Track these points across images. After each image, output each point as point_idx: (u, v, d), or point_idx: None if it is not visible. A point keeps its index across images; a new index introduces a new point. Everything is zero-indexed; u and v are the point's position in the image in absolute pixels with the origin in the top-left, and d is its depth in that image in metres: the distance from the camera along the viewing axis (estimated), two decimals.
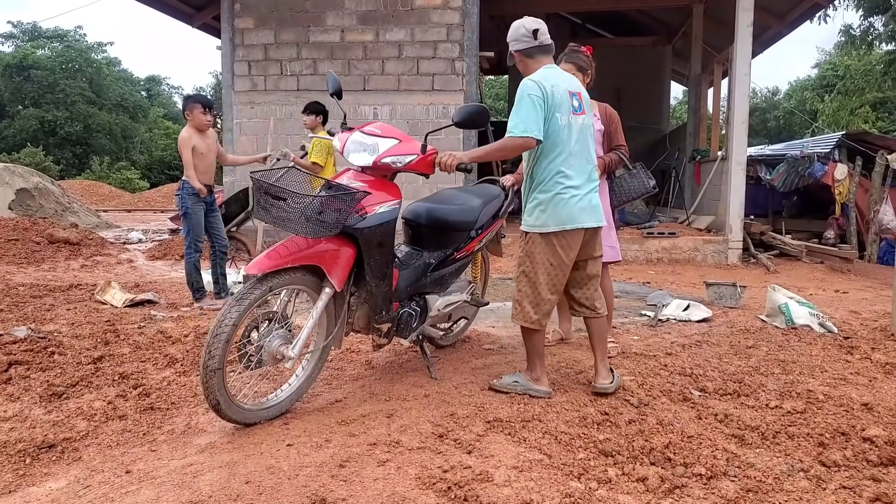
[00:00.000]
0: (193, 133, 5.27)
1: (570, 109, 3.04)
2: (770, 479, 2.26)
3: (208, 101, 5.52)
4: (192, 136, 5.25)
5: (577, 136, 3.06)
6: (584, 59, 3.63)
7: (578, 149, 3.06)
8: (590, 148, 3.15)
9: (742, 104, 8.73)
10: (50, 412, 2.90)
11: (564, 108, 3.01)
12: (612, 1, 13.84)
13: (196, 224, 5.27)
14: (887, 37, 16.20)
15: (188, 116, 5.31)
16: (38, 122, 32.50)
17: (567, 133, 3.01)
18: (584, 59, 3.64)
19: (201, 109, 5.28)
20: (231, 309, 2.56)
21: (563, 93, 3.02)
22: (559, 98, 2.99)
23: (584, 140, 3.10)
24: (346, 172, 3.03)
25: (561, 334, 4.20)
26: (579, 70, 3.56)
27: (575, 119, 3.06)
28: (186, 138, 5.24)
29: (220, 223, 5.55)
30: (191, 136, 5.25)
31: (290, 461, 2.35)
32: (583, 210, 3.03)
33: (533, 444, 2.51)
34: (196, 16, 11.52)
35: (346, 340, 3.65)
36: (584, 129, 3.10)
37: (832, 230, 9.95)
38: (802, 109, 31.93)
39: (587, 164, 3.11)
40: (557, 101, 2.98)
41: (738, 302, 5.56)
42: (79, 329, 4.23)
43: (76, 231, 9.01)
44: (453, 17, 8.74)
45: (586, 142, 3.12)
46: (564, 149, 3.02)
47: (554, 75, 3.06)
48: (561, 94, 3.01)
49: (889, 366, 3.67)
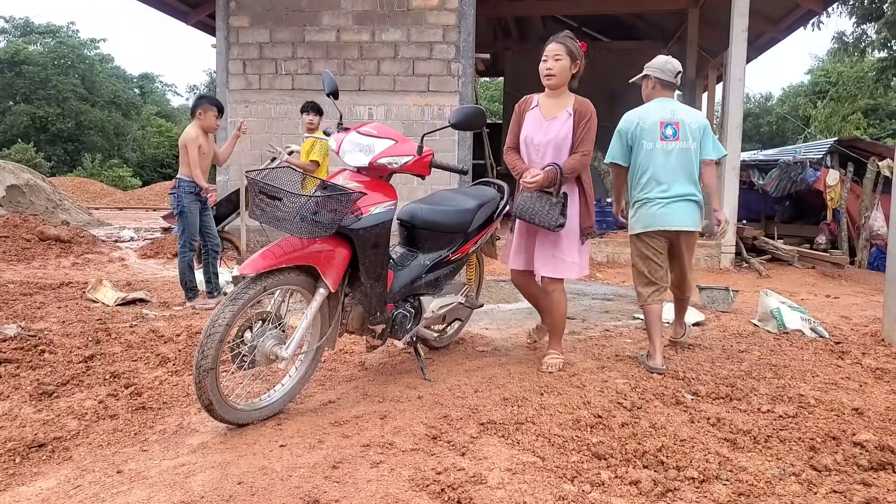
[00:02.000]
0: (200, 133, 5.29)
1: (657, 136, 3.71)
2: (762, 482, 2.26)
3: (222, 105, 5.51)
4: (197, 137, 5.25)
5: (665, 159, 3.71)
6: (576, 48, 3.48)
7: (664, 170, 3.70)
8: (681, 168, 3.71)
9: (736, 109, 8.77)
10: (40, 411, 2.88)
11: (649, 135, 3.72)
12: (608, 5, 13.88)
13: (192, 223, 5.26)
14: (880, 44, 16.33)
15: (200, 116, 5.30)
16: (29, 118, 32.28)
17: (653, 156, 3.72)
18: (576, 47, 3.49)
19: (216, 114, 5.32)
20: (225, 309, 2.55)
21: (652, 123, 3.73)
22: (646, 127, 3.73)
23: (674, 162, 3.71)
24: (342, 173, 3.02)
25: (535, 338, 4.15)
26: (568, 54, 3.43)
27: (664, 145, 3.71)
28: (194, 137, 5.23)
29: (212, 222, 5.54)
30: (198, 135, 5.26)
31: (283, 462, 2.34)
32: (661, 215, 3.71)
33: (526, 447, 2.51)
34: (191, 13, 11.49)
35: (340, 341, 3.64)
36: (676, 153, 3.71)
37: (824, 235, 10.02)
38: (795, 115, 32.13)
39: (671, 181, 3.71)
40: (643, 130, 3.74)
41: (730, 306, 5.58)
42: (69, 327, 4.20)
43: (67, 228, 8.96)
44: (449, 18, 8.74)
45: (677, 163, 3.71)
46: (649, 169, 3.72)
47: (651, 107, 3.82)
48: (650, 124, 3.73)
49: (879, 371, 3.69)
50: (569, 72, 3.45)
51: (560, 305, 3.65)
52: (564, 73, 3.45)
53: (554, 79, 3.45)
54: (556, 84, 3.48)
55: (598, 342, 4.33)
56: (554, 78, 3.45)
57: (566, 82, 3.50)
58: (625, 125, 3.82)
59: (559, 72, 3.43)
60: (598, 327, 4.88)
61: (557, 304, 3.64)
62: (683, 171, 3.71)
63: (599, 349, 4.11)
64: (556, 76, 3.44)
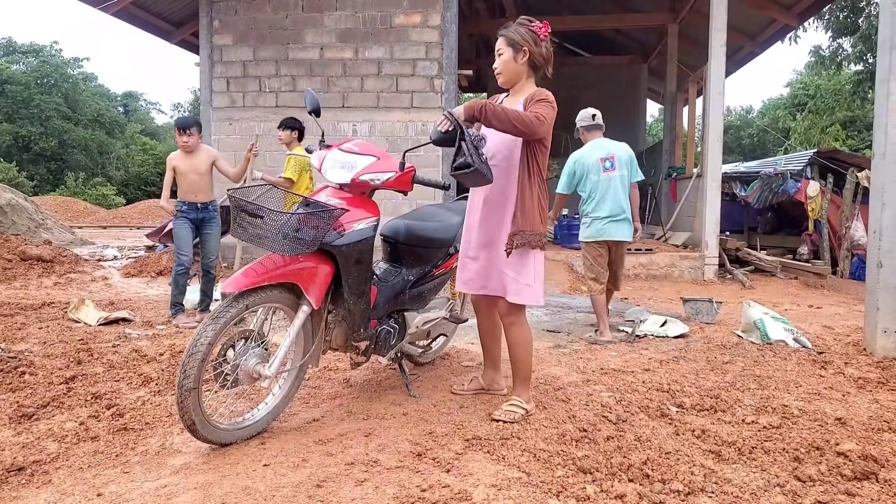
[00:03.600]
0: (177, 154, 5.50)
1: (599, 170, 5.04)
2: (747, 494, 2.27)
3: (183, 122, 5.52)
4: (174, 157, 5.48)
5: (608, 184, 5.03)
6: (518, 34, 2.97)
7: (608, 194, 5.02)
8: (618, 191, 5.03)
9: (716, 122, 8.88)
10: (19, 434, 2.83)
11: (594, 170, 5.05)
12: (589, 21, 14.07)
13: (177, 238, 5.43)
14: (855, 57, 16.66)
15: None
16: (11, 137, 32.01)
17: (598, 185, 5.04)
18: (523, 33, 2.96)
19: (176, 131, 5.46)
20: (207, 327, 2.53)
21: (591, 161, 5.06)
22: (586, 165, 5.07)
23: (613, 187, 5.02)
24: (324, 190, 3.02)
25: (481, 383, 3.49)
26: (509, 45, 2.97)
27: (606, 175, 5.04)
28: (171, 158, 5.51)
29: (211, 240, 5.55)
30: (172, 157, 5.51)
31: (266, 482, 2.32)
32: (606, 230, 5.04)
33: (512, 462, 2.50)
34: (174, 32, 11.48)
35: (324, 358, 3.63)
36: (614, 181, 5.03)
37: (806, 246, 10.13)
38: (775, 127, 32.59)
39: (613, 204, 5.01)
40: (588, 167, 5.07)
41: (714, 318, 5.62)
42: (51, 348, 4.15)
43: (50, 248, 8.86)
44: (432, 35, 8.81)
45: (615, 188, 5.02)
46: (597, 194, 5.05)
47: (591, 152, 5.09)
48: (589, 162, 5.06)
49: (862, 380, 3.72)
50: (515, 62, 2.99)
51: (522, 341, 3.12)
52: (510, 67, 3.00)
53: (501, 76, 3.07)
54: (504, 81, 3.08)
55: (583, 356, 4.34)
56: (500, 76, 3.07)
57: (518, 75, 3.03)
58: (571, 164, 5.16)
59: (502, 67, 3.03)
60: (584, 340, 4.89)
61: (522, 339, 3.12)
62: (620, 193, 5.03)
63: (585, 362, 4.12)
64: (502, 73, 3.05)
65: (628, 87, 16.49)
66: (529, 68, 3.03)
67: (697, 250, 9.13)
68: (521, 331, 3.11)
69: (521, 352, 3.12)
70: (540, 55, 3.00)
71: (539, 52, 2.99)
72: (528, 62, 3.00)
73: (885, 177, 4.35)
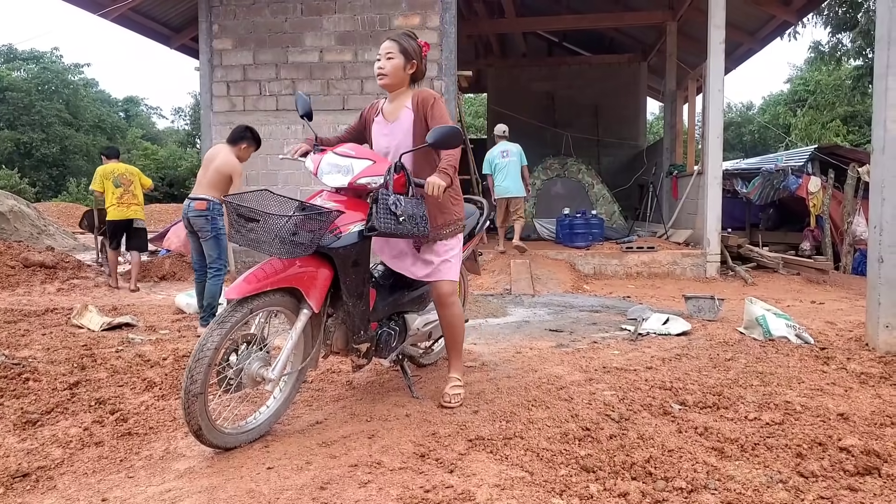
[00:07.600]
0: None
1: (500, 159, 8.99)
2: (750, 491, 2.27)
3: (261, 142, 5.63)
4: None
5: (505, 167, 8.96)
6: (412, 46, 3.26)
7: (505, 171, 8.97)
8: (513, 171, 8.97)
9: (716, 119, 8.88)
10: (24, 440, 2.84)
11: (498, 159, 9.00)
12: (588, 20, 14.06)
13: (226, 246, 5.39)
14: (855, 53, 16.65)
15: (242, 148, 5.40)
16: (13, 144, 32.09)
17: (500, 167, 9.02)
18: (415, 47, 3.28)
19: (254, 150, 5.50)
20: (213, 332, 2.54)
21: (496, 154, 9.08)
22: (494, 155, 9.08)
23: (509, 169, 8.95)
24: (321, 193, 3.03)
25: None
26: (402, 52, 3.20)
27: (503, 161, 8.98)
28: (241, 167, 5.36)
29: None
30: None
31: (270, 485, 2.33)
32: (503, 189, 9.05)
33: (515, 462, 2.50)
34: (174, 37, 11.52)
35: (327, 361, 3.63)
36: (509, 165, 8.94)
37: (808, 242, 10.12)
38: (776, 124, 32.56)
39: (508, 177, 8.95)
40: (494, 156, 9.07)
41: (716, 315, 5.62)
42: (54, 354, 4.17)
43: (52, 254, 8.89)
44: (431, 36, 8.82)
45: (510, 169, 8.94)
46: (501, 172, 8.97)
47: (498, 148, 9.18)
48: (495, 154, 9.10)
49: (864, 376, 3.72)
50: (403, 71, 3.20)
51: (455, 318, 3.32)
52: (397, 72, 3.19)
53: (385, 78, 3.20)
54: (388, 84, 3.23)
55: (585, 354, 4.34)
56: (385, 77, 3.20)
57: (402, 83, 3.24)
58: (488, 157, 9.21)
59: (390, 71, 3.18)
60: (586, 339, 4.89)
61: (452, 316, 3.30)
62: (512, 171, 8.93)
63: (587, 361, 4.12)
64: (388, 75, 3.19)
65: (628, 86, 16.49)
66: (410, 79, 3.30)
67: (699, 248, 9.13)
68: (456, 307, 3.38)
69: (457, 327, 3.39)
70: (421, 71, 3.34)
71: (421, 69, 3.33)
72: (412, 74, 3.28)
73: (884, 172, 4.35)
